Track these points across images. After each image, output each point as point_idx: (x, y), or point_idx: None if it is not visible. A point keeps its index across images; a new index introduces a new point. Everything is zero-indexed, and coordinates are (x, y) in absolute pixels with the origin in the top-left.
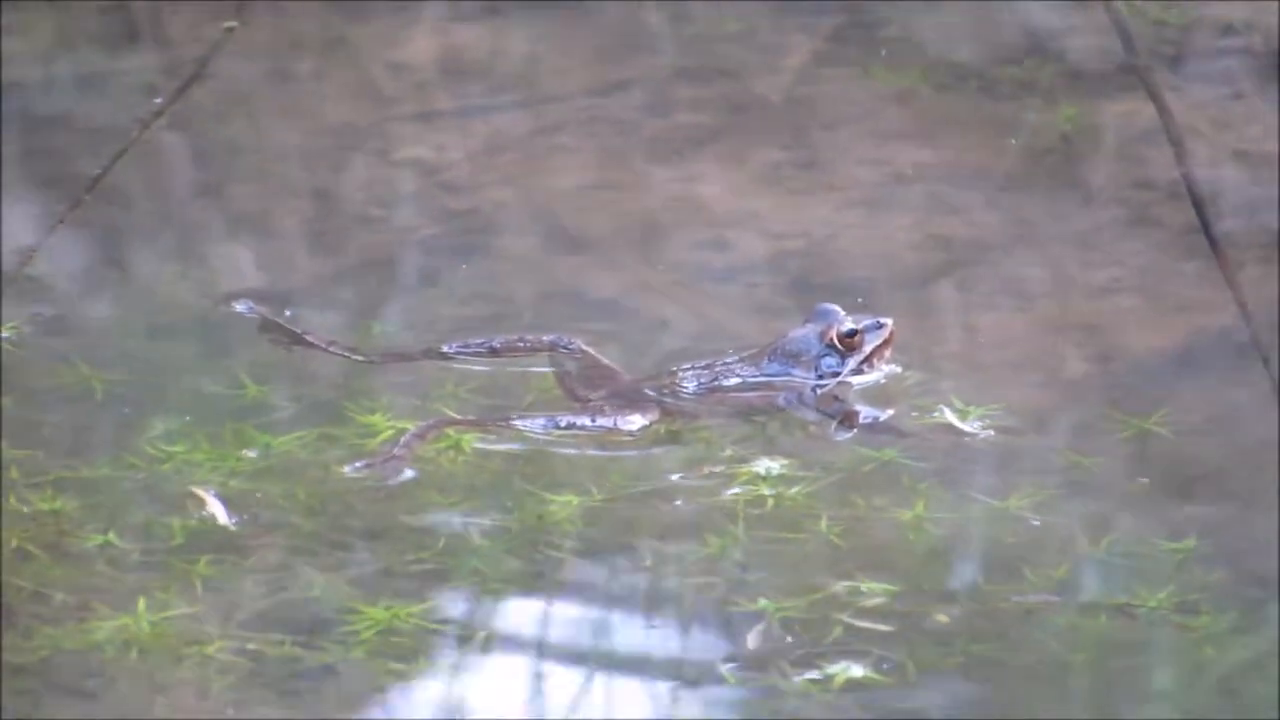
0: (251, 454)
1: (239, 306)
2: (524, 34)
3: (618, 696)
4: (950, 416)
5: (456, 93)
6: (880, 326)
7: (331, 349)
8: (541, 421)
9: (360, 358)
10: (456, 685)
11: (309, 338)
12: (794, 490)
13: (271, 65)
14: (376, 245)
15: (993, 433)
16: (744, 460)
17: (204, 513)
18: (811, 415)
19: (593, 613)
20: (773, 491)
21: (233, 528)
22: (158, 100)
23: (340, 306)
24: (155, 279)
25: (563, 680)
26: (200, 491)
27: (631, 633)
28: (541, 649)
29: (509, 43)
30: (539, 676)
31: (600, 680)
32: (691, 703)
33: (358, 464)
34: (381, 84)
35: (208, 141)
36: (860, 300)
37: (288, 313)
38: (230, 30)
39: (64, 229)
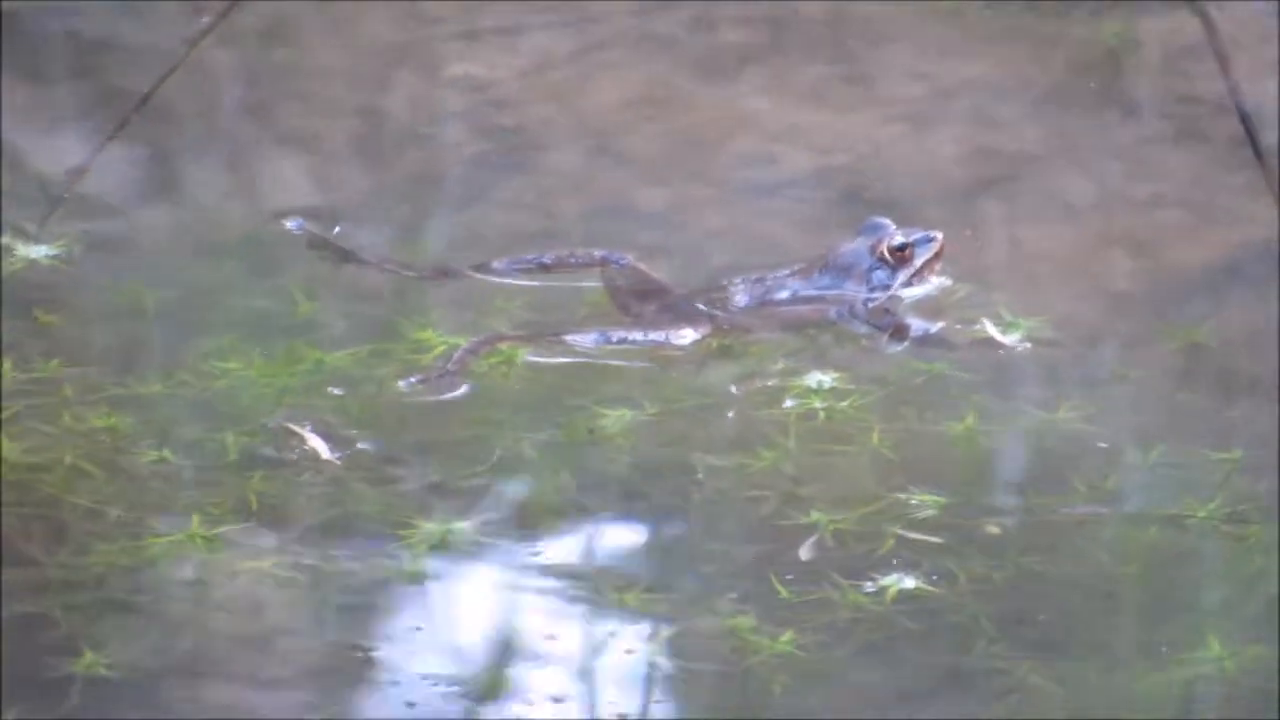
0: (337, 392)
1: (289, 224)
2: None
3: (670, 610)
4: (991, 329)
5: (502, 10)
6: (930, 240)
7: (383, 266)
8: (593, 336)
9: (411, 273)
10: (509, 602)
11: (359, 254)
12: (845, 403)
13: None
14: (424, 162)
15: (1029, 345)
16: (795, 374)
17: (304, 448)
18: (863, 328)
19: (645, 527)
20: (824, 405)
21: (336, 463)
22: (204, 19)
23: (389, 223)
24: (204, 197)
25: (614, 595)
26: (297, 428)
27: (684, 546)
28: (594, 564)
29: None
30: (592, 592)
31: (652, 595)
32: (745, 615)
33: (412, 379)
34: (427, 2)
35: (254, 60)
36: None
37: (337, 229)
38: None
39: (113, 148)
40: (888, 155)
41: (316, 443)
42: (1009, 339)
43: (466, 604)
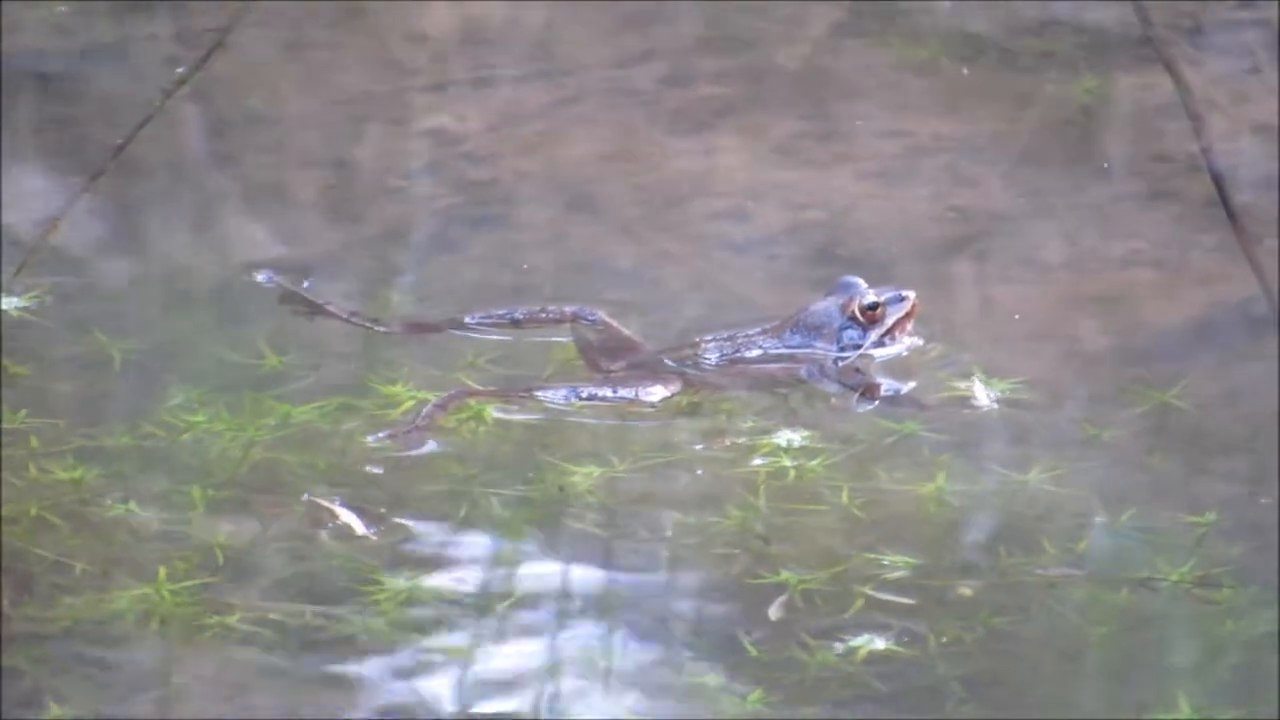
0: (376, 470)
1: (259, 277)
2: (542, 3)
3: (638, 669)
4: (978, 389)
5: (475, 63)
6: (902, 299)
7: (352, 319)
8: (563, 392)
9: (381, 328)
10: (476, 657)
11: (329, 307)
12: (815, 462)
13: (289, 35)
14: (396, 215)
15: (1005, 405)
16: (765, 432)
17: (336, 524)
18: (833, 387)
19: (613, 584)
20: (794, 463)
21: (372, 538)
22: (179, 70)
23: (360, 276)
24: (175, 249)
25: (582, 652)
26: (327, 503)
27: (653, 604)
28: (561, 620)
29: (527, 12)
30: (558, 648)
31: (620, 652)
32: (714, 674)
33: (380, 434)
34: (400, 54)
35: (226, 111)
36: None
37: (306, 283)
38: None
39: (82, 199)
40: (861, 212)
41: (349, 518)
42: (992, 399)
43: (432, 661)
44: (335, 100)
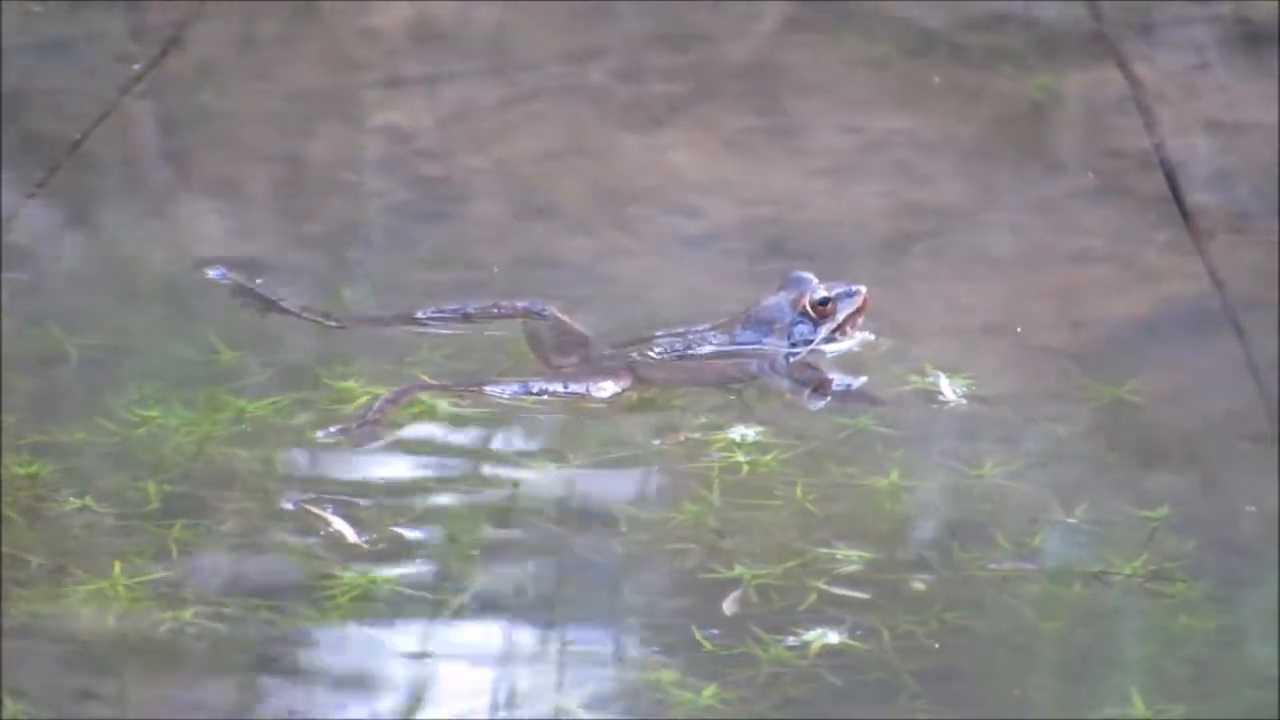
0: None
1: (212, 273)
2: (494, 0)
3: (592, 664)
4: (944, 384)
5: (427, 59)
6: (853, 294)
7: (304, 315)
8: (514, 387)
9: (333, 323)
10: (429, 652)
11: (282, 303)
12: (769, 457)
13: (241, 31)
14: (348, 211)
15: (965, 400)
16: (719, 427)
17: (329, 531)
18: (785, 383)
19: (566, 579)
20: (748, 458)
21: (364, 546)
22: (136, 66)
23: (312, 272)
24: (128, 245)
25: (536, 647)
26: (319, 510)
27: (606, 599)
28: (515, 615)
29: (479, 9)
30: (512, 643)
31: (574, 648)
32: (668, 670)
33: (331, 429)
34: (352, 50)
35: (178, 108)
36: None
37: (259, 280)
38: None
39: (35, 195)
40: (813, 208)
41: (341, 525)
42: (959, 394)
43: (385, 656)
44: (287, 96)
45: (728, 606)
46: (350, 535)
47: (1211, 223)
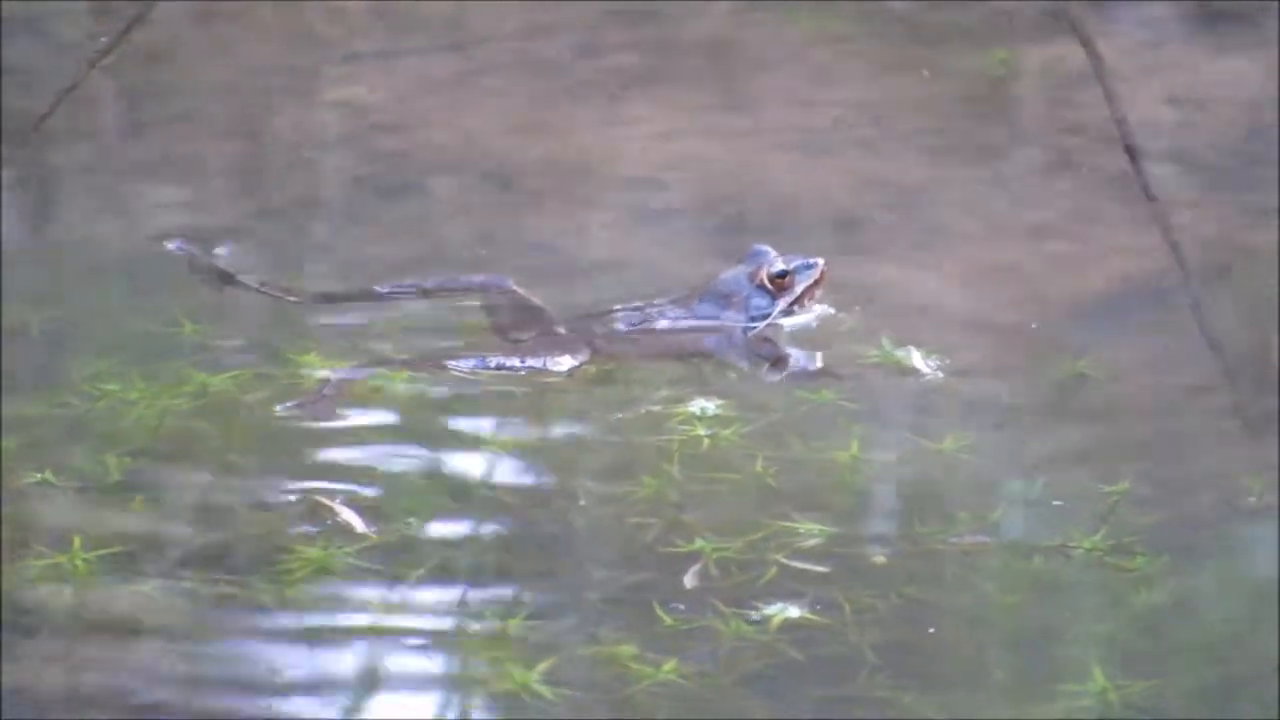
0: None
1: (170, 245)
2: None
3: (552, 637)
4: (915, 357)
5: (386, 35)
6: (811, 267)
7: (263, 289)
8: (472, 362)
9: (293, 298)
10: (389, 625)
11: (241, 278)
12: (729, 431)
13: (202, 7)
14: (306, 186)
15: (941, 374)
16: (679, 401)
17: (337, 520)
18: (743, 356)
19: (527, 553)
20: (708, 432)
21: (373, 535)
22: (102, 39)
23: (272, 246)
24: (86, 219)
25: (495, 621)
26: (327, 500)
27: (567, 573)
28: (474, 589)
29: None
30: (470, 617)
31: (534, 621)
32: (628, 643)
33: (290, 404)
34: (312, 26)
35: (139, 82)
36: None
37: (219, 250)
38: None
39: None
40: (772, 183)
41: (350, 516)
42: (933, 367)
43: (345, 629)
44: (248, 71)
45: (688, 580)
46: (359, 525)
47: (1171, 197)
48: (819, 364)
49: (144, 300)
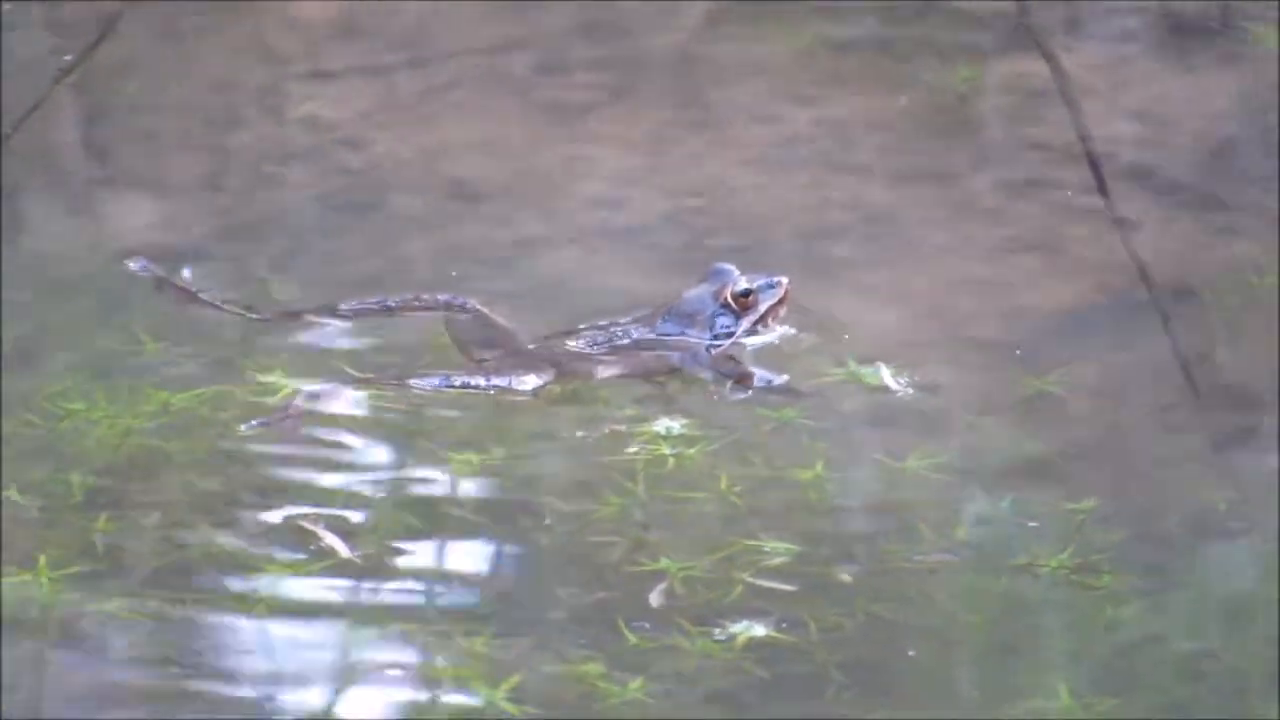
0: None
1: (133, 265)
2: None
3: (518, 656)
4: (885, 374)
5: (351, 51)
6: (774, 285)
7: (226, 307)
8: (436, 381)
9: (256, 316)
10: (353, 644)
11: (203, 296)
12: (694, 450)
13: (166, 23)
14: (272, 202)
15: (910, 391)
16: (644, 420)
17: (321, 545)
18: (707, 375)
19: (492, 572)
20: (673, 451)
21: (357, 561)
22: (67, 57)
23: (236, 263)
24: (50, 236)
25: (461, 640)
26: (310, 525)
27: (532, 592)
28: (440, 608)
29: (401, 2)
30: (436, 636)
31: (500, 640)
32: (594, 662)
33: (254, 423)
34: (276, 42)
35: (103, 99)
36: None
37: (184, 271)
38: None
39: None
40: (737, 200)
41: (334, 540)
42: (902, 384)
43: (308, 646)
44: (211, 88)
45: (654, 599)
46: (343, 550)
47: (1136, 213)
48: (783, 382)
49: (108, 319)
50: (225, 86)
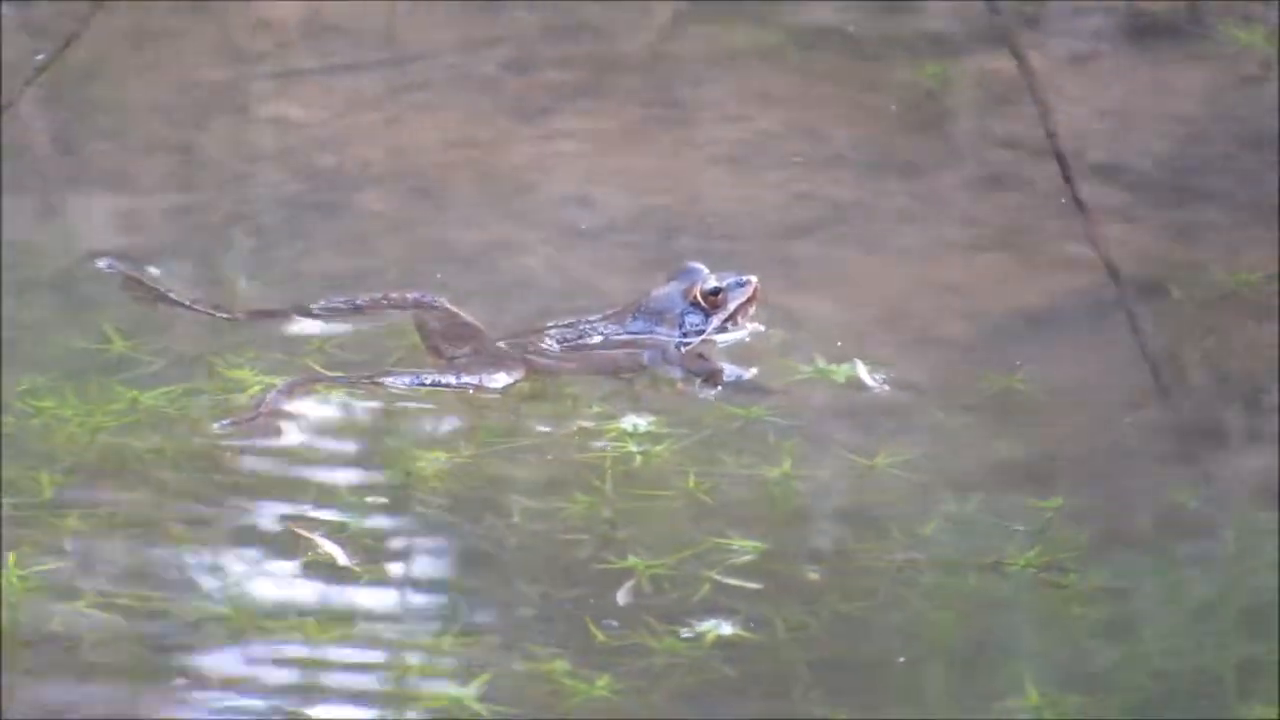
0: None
1: (101, 264)
2: None
3: (485, 654)
4: (861, 371)
5: (319, 50)
6: (744, 284)
7: (195, 306)
8: (407, 379)
9: (225, 314)
10: (320, 643)
11: (172, 295)
12: (661, 447)
13: (133, 22)
14: (240, 202)
15: (886, 388)
16: (611, 417)
17: (318, 552)
18: (676, 373)
19: (459, 569)
20: (640, 448)
21: (355, 569)
22: (39, 57)
23: (204, 263)
24: (18, 235)
25: (429, 638)
26: (307, 533)
27: (499, 589)
28: (407, 605)
29: (371, 1)
30: (404, 633)
31: (467, 638)
32: (561, 660)
33: (226, 422)
34: (244, 41)
35: (70, 98)
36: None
37: (151, 269)
38: None
39: None
40: (706, 198)
41: (332, 549)
42: (878, 380)
43: (277, 645)
44: (180, 87)
45: (621, 597)
46: (340, 558)
47: (1104, 212)
48: (751, 380)
49: (76, 317)
50: (194, 86)
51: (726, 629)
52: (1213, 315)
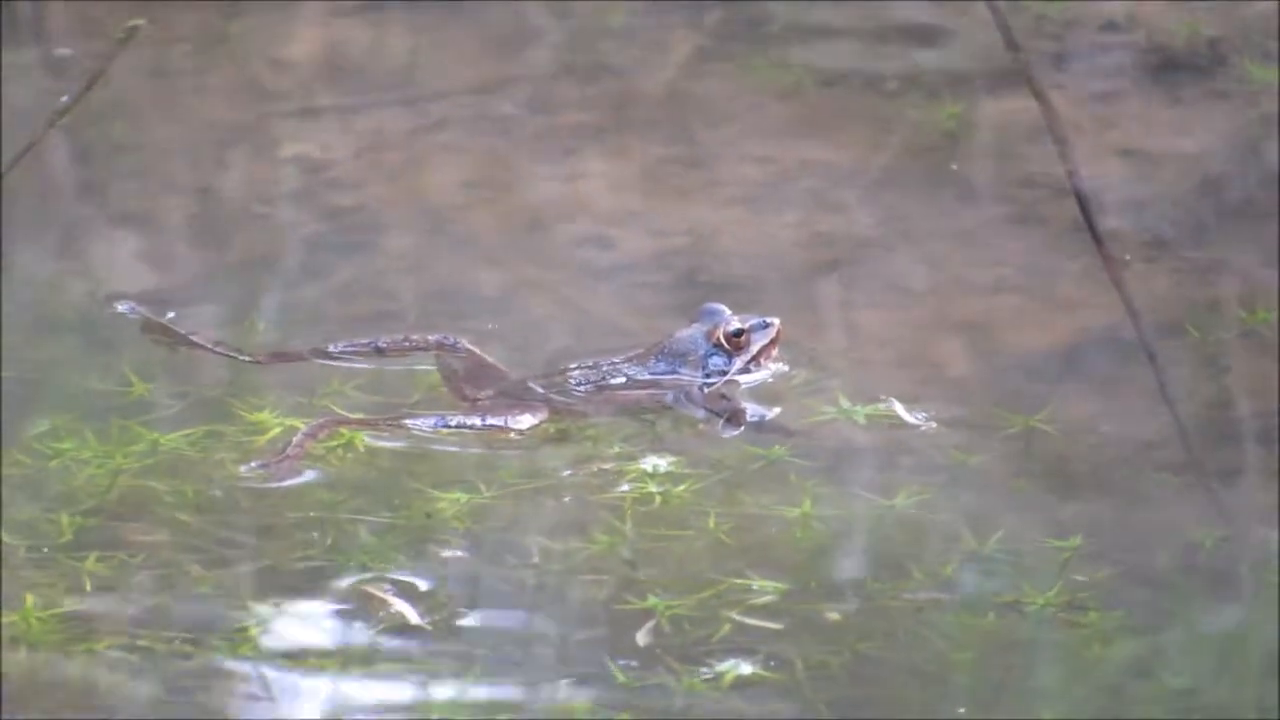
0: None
1: (121, 307)
2: (406, 30)
3: (506, 695)
4: (898, 409)
5: (339, 89)
6: (767, 326)
7: (216, 349)
8: (431, 420)
9: (246, 357)
10: (342, 685)
11: (193, 338)
12: (681, 488)
13: (153, 63)
14: (260, 243)
15: (934, 424)
16: (632, 458)
17: (390, 611)
18: (699, 413)
19: (480, 610)
20: (660, 489)
21: (426, 627)
22: (63, 99)
23: (225, 304)
24: (39, 277)
25: (449, 678)
26: (378, 591)
27: (520, 630)
28: (428, 647)
29: (391, 39)
30: (424, 676)
31: (488, 678)
32: (581, 700)
33: (253, 464)
34: (264, 81)
35: (91, 139)
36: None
37: (171, 314)
38: (134, 29)
39: None
40: (726, 238)
41: (403, 607)
42: (920, 418)
43: (299, 688)
44: (200, 127)
45: (641, 637)
46: (413, 617)
47: (1125, 251)
48: (773, 420)
49: (97, 359)
50: (214, 127)
51: (746, 669)
52: (1232, 355)
